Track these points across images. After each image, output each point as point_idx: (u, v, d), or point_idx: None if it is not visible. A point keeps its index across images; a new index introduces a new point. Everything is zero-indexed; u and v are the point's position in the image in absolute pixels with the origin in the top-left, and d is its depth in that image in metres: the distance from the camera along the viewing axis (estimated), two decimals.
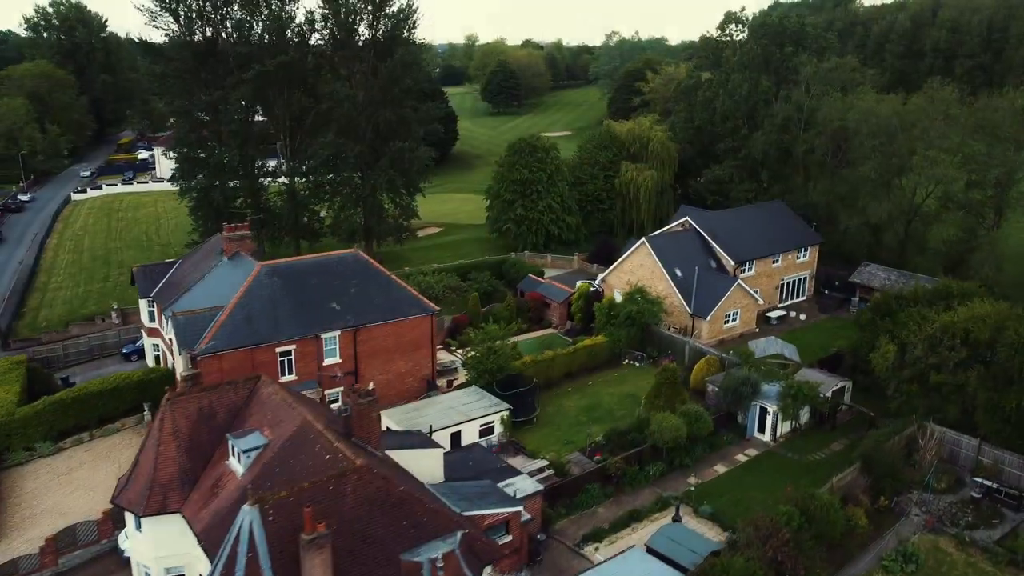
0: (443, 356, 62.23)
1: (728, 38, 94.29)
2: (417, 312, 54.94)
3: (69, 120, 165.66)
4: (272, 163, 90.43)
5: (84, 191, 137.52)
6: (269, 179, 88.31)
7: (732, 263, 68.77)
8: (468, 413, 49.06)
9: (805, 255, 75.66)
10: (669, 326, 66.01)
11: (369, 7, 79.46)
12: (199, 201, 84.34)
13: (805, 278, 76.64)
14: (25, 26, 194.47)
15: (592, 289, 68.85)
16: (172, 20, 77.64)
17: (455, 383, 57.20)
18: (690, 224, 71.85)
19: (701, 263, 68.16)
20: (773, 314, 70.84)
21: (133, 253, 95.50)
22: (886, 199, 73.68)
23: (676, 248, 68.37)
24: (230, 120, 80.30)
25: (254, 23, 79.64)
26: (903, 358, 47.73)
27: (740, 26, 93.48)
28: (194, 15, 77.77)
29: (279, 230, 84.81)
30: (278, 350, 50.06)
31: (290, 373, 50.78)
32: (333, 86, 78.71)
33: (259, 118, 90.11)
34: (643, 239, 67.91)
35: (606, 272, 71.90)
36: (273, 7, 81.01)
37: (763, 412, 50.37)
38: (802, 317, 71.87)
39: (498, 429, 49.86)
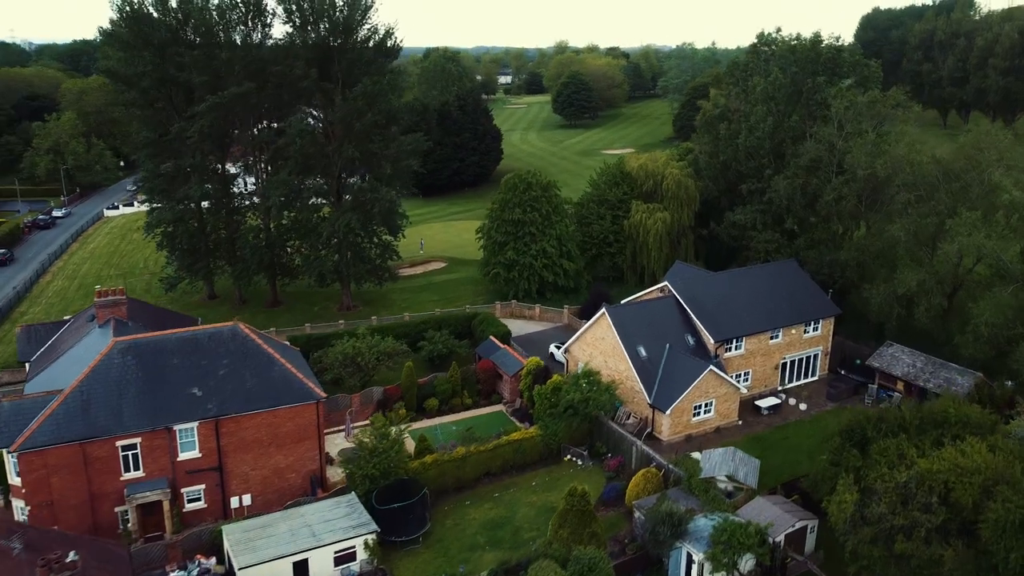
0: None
1: (761, 62, 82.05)
2: (298, 399, 47.20)
3: (125, 133, 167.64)
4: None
5: (116, 207, 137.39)
6: (248, 212, 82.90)
7: (712, 342, 57.74)
8: (320, 536, 40.94)
9: (816, 329, 63.48)
10: (629, 415, 55.84)
11: (336, 24, 72.11)
12: (167, 236, 79.83)
13: (817, 355, 64.42)
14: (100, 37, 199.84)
15: (542, 365, 59.20)
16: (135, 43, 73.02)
17: (332, 485, 49.06)
18: (669, 290, 61.13)
19: (676, 339, 57.50)
20: (764, 402, 59.25)
21: (118, 283, 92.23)
22: (920, 265, 60.72)
23: (645, 320, 57.93)
24: (191, 154, 75.10)
25: (219, 50, 73.84)
26: (863, 511, 36.33)
27: (773, 48, 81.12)
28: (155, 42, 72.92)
29: (247, 269, 79.03)
30: (119, 444, 43.41)
31: (136, 469, 44.04)
32: (289, 120, 71.99)
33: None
34: (603, 308, 57.79)
35: (571, 340, 62.16)
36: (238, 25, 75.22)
37: (689, 559, 39.92)
38: (802, 407, 59.90)
39: (361, 556, 41.53)
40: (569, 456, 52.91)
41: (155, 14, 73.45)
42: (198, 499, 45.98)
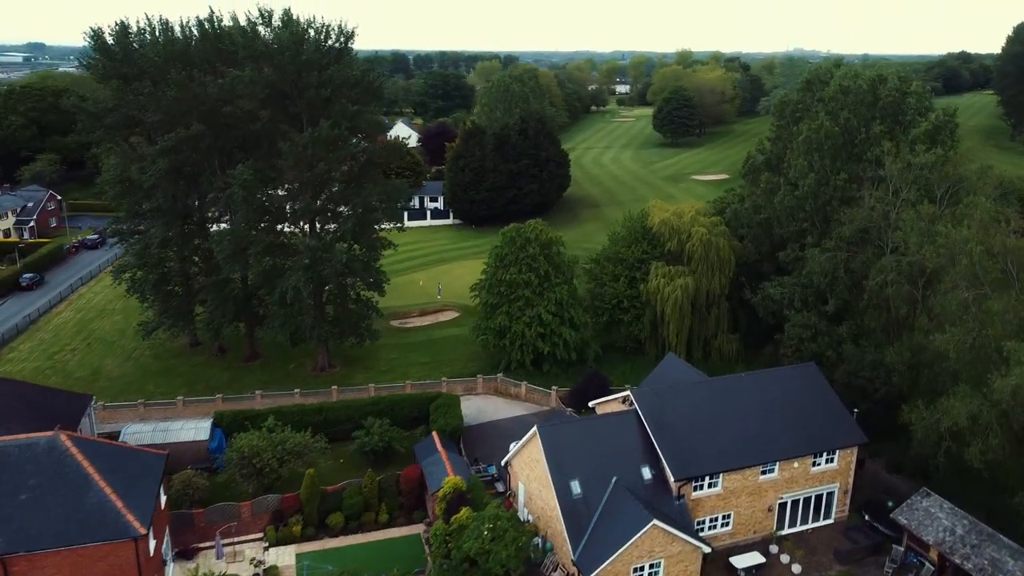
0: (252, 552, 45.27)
1: (814, 100, 66.82)
2: (111, 536, 38.80)
3: None
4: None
5: None
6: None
7: (673, 480, 44.88)
8: None
9: (831, 461, 49.03)
10: (557, 566, 44.13)
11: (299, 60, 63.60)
12: (135, 281, 74.61)
13: (833, 492, 49.91)
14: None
15: (463, 488, 48.06)
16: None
17: None
18: (632, 402, 48.56)
19: (629, 471, 45.06)
20: (743, 560, 45.66)
21: (106, 324, 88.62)
22: (976, 390, 45.34)
23: (591, 443, 45.80)
24: (158, 196, 69.17)
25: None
26: None
27: (825, 87, 65.82)
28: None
29: (217, 319, 72.43)
30: None
31: None
32: (239, 167, 64.18)
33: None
34: (535, 427, 46.11)
35: (511, 453, 50.79)
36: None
37: None
38: (796, 569, 45.82)
39: None
40: None
41: (116, 48, 67.83)
42: None
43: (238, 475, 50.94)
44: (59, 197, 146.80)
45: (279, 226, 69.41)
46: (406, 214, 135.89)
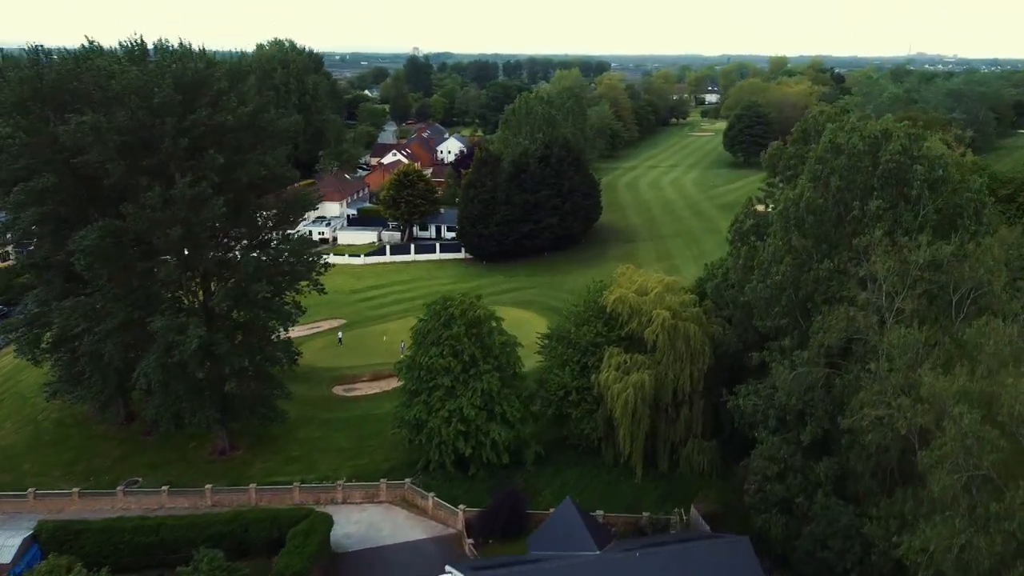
0: None
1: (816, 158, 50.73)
2: None
3: None
4: None
5: None
6: None
7: None
8: None
9: None
10: None
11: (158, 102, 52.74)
12: (24, 343, 66.18)
13: None
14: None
15: None
16: None
17: None
18: None
19: None
20: None
21: (34, 376, 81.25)
22: None
23: None
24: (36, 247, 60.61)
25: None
26: None
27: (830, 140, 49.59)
28: None
29: (97, 389, 63.17)
30: None
31: None
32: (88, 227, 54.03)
33: None
34: None
35: None
36: None
37: None
38: None
39: None
40: None
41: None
42: None
43: None
44: None
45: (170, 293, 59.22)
46: (412, 246, 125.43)
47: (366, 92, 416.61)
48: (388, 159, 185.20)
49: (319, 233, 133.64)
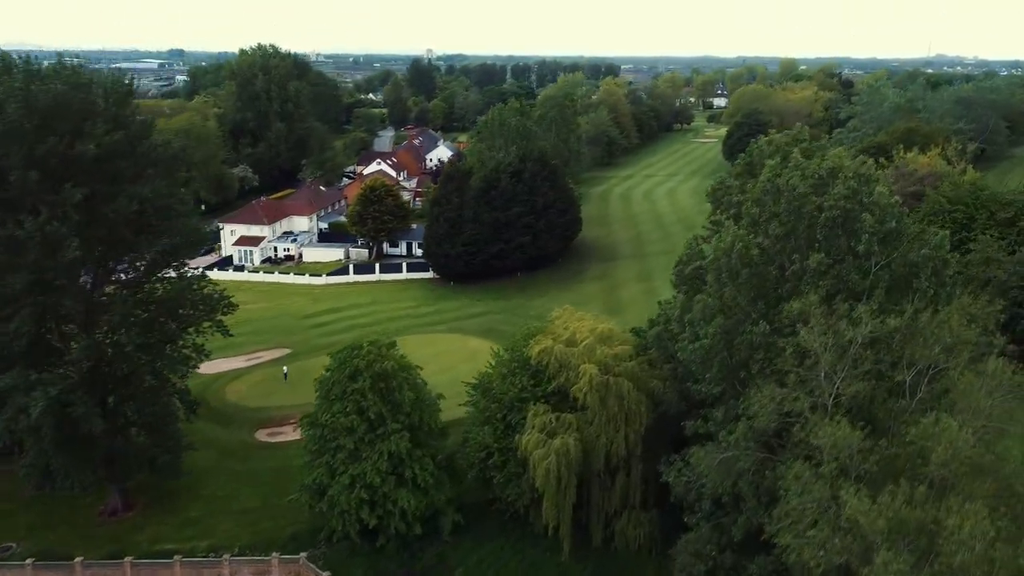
0: None
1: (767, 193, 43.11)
2: None
3: (207, 175, 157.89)
4: None
5: None
6: None
7: None
8: None
9: None
10: None
11: None
12: None
13: None
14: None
15: None
16: None
17: None
18: None
19: None
20: None
21: None
22: None
23: None
24: None
25: None
26: None
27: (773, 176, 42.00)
28: None
29: None
30: None
31: None
32: None
33: None
34: None
35: None
36: None
37: None
38: None
39: None
40: None
41: None
42: None
43: None
44: None
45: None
46: (377, 266, 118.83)
47: (370, 96, 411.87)
48: (372, 168, 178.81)
49: (284, 250, 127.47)
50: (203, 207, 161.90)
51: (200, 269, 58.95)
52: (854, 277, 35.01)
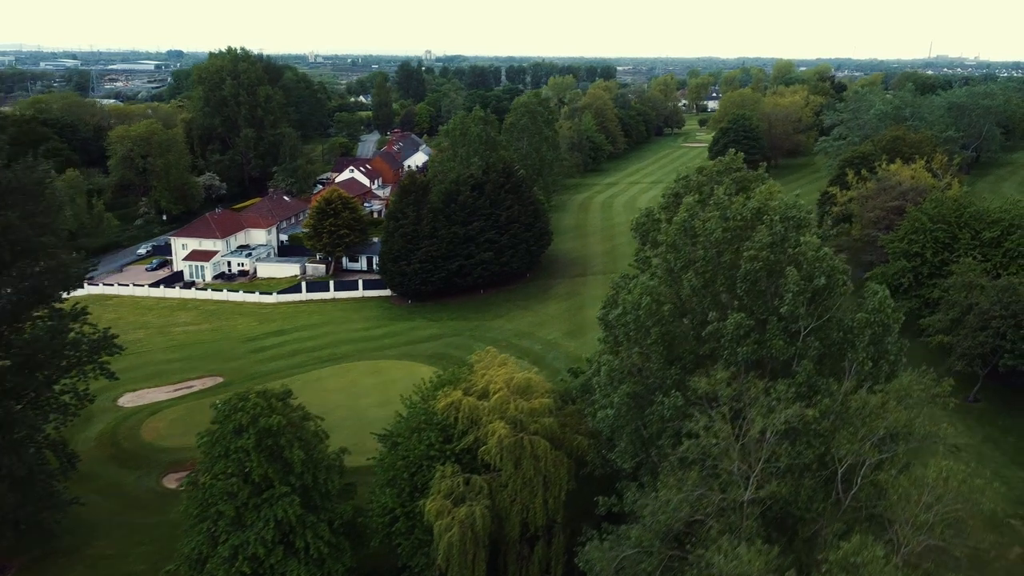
0: None
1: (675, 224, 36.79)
2: None
3: (168, 184, 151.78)
4: None
5: (85, 285, 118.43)
6: None
7: None
8: None
9: None
10: None
11: None
12: None
13: None
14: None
15: None
16: None
17: None
18: None
19: None
20: None
21: None
22: None
23: None
24: None
25: None
26: None
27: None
28: None
29: None
30: None
31: None
32: None
33: None
34: None
35: None
36: None
37: None
38: None
39: None
40: None
41: None
42: None
43: None
44: None
45: None
46: (332, 283, 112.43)
47: (360, 99, 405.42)
48: (344, 176, 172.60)
49: (239, 264, 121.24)
50: (164, 217, 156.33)
51: (81, 306, 52.69)
52: (779, 343, 28.75)
